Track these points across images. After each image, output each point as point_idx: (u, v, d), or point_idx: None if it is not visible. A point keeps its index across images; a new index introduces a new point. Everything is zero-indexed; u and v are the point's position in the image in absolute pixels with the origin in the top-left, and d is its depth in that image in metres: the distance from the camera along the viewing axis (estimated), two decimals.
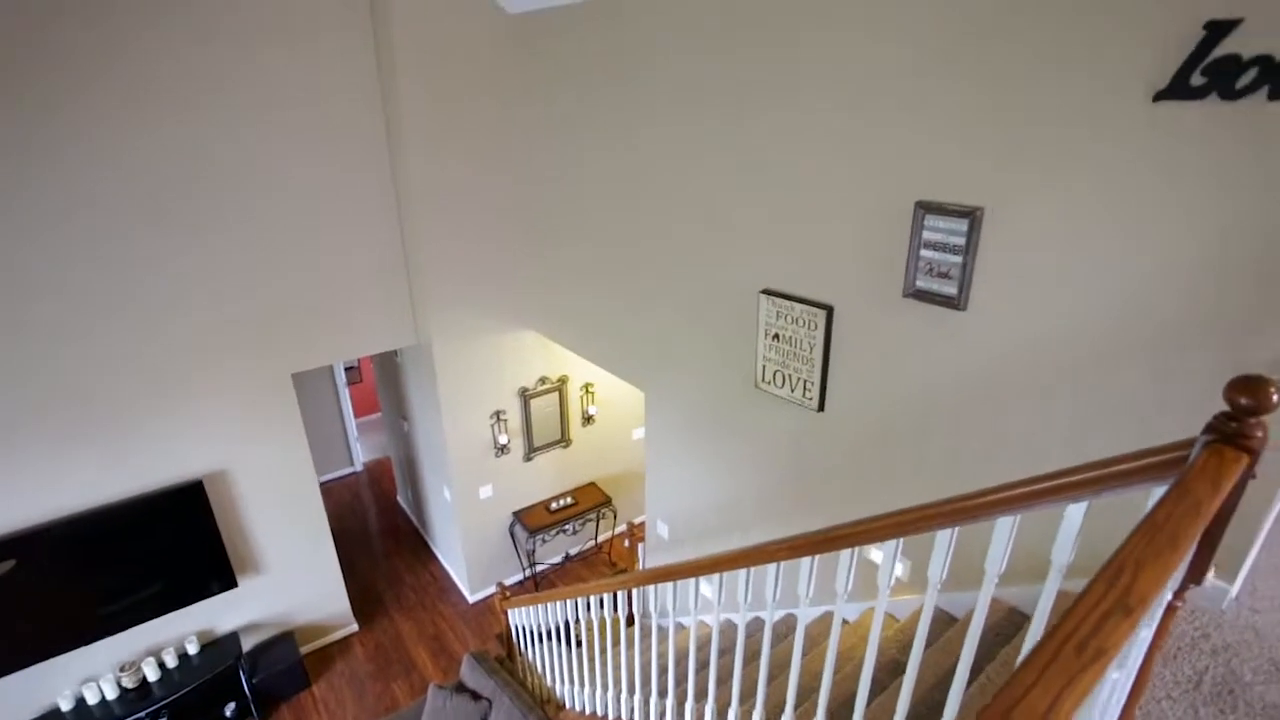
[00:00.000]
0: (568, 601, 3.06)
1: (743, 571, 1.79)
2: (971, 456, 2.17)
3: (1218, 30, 1.44)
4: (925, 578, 1.35)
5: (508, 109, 4.07)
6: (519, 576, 5.65)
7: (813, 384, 2.57)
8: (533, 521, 5.28)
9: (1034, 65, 1.74)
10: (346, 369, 7.66)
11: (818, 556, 1.59)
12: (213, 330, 3.77)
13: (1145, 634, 0.86)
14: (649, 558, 4.28)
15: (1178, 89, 1.53)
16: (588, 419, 5.50)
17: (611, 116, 3.29)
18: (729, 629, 3.52)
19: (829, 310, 2.44)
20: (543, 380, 5.07)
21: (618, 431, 5.84)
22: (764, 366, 2.76)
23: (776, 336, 2.66)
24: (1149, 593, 0.61)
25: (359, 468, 7.61)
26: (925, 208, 2.07)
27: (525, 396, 5.00)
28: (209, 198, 3.54)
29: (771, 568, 1.72)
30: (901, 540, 1.39)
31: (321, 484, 7.20)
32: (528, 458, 5.25)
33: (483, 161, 4.12)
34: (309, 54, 3.60)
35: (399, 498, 6.96)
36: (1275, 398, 0.85)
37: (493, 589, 5.37)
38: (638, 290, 3.48)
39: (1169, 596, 0.94)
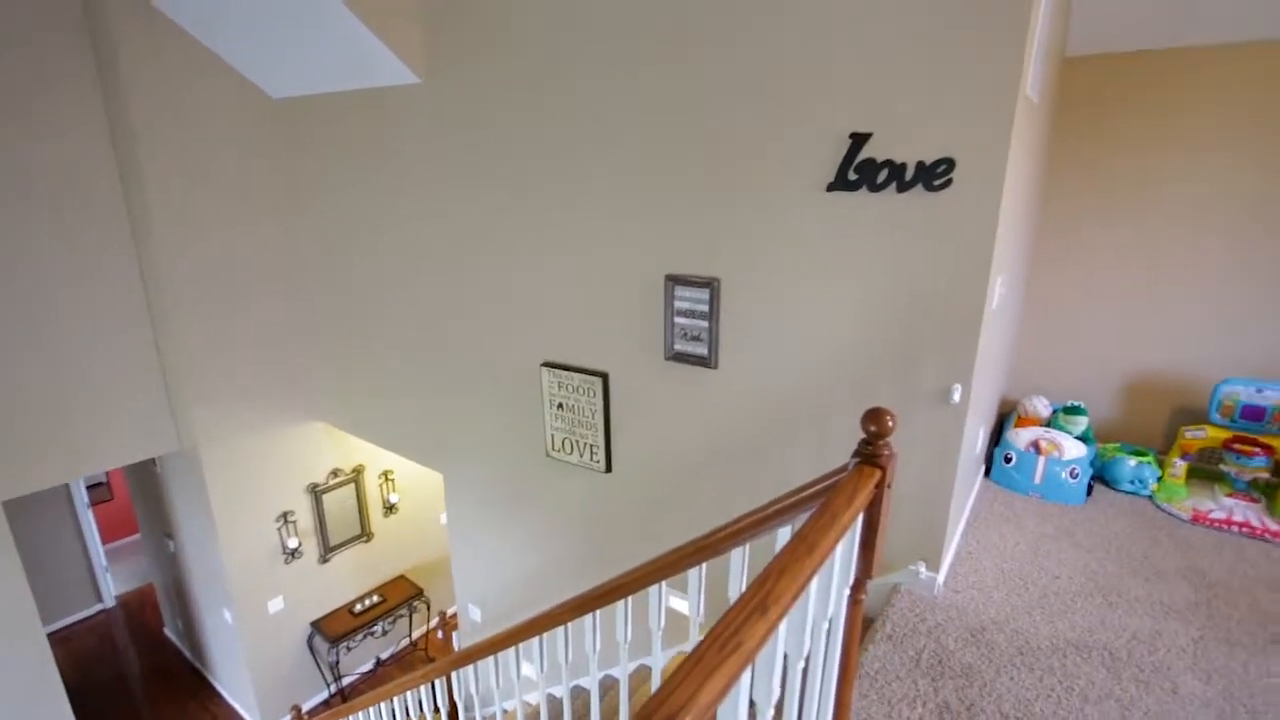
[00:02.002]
0: (370, 710, 2.83)
1: (535, 640, 1.82)
2: (739, 496, 2.42)
3: (858, 139, 1.87)
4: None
5: (279, 192, 3.89)
6: (324, 694, 5.06)
7: (599, 447, 2.72)
8: (334, 629, 4.80)
9: (741, 160, 2.10)
10: (91, 486, 6.49)
11: (599, 612, 1.68)
12: None
13: (824, 625, 1.05)
14: (464, 645, 4.08)
15: (840, 182, 1.93)
16: (390, 508, 5.19)
17: (385, 199, 3.30)
18: (554, 704, 3.45)
19: (604, 377, 2.63)
20: (335, 472, 4.72)
21: (423, 517, 5.57)
22: (553, 435, 2.86)
23: (561, 406, 2.78)
24: (784, 594, 0.78)
25: (110, 603, 6.38)
26: (674, 280, 2.34)
27: (316, 492, 4.61)
28: None
29: (560, 632, 1.77)
30: (665, 583, 1.53)
31: (54, 632, 5.95)
32: (324, 559, 4.80)
33: (250, 247, 3.86)
34: (29, 136, 3.19)
35: (167, 630, 5.94)
36: (891, 424, 1.12)
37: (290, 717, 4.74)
38: (425, 372, 3.45)
39: (846, 592, 1.15)
